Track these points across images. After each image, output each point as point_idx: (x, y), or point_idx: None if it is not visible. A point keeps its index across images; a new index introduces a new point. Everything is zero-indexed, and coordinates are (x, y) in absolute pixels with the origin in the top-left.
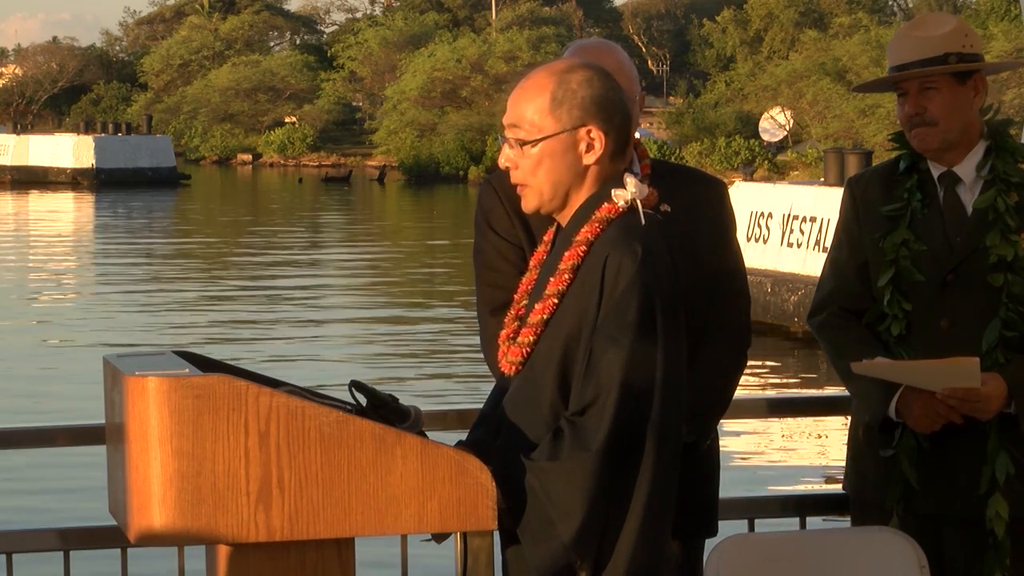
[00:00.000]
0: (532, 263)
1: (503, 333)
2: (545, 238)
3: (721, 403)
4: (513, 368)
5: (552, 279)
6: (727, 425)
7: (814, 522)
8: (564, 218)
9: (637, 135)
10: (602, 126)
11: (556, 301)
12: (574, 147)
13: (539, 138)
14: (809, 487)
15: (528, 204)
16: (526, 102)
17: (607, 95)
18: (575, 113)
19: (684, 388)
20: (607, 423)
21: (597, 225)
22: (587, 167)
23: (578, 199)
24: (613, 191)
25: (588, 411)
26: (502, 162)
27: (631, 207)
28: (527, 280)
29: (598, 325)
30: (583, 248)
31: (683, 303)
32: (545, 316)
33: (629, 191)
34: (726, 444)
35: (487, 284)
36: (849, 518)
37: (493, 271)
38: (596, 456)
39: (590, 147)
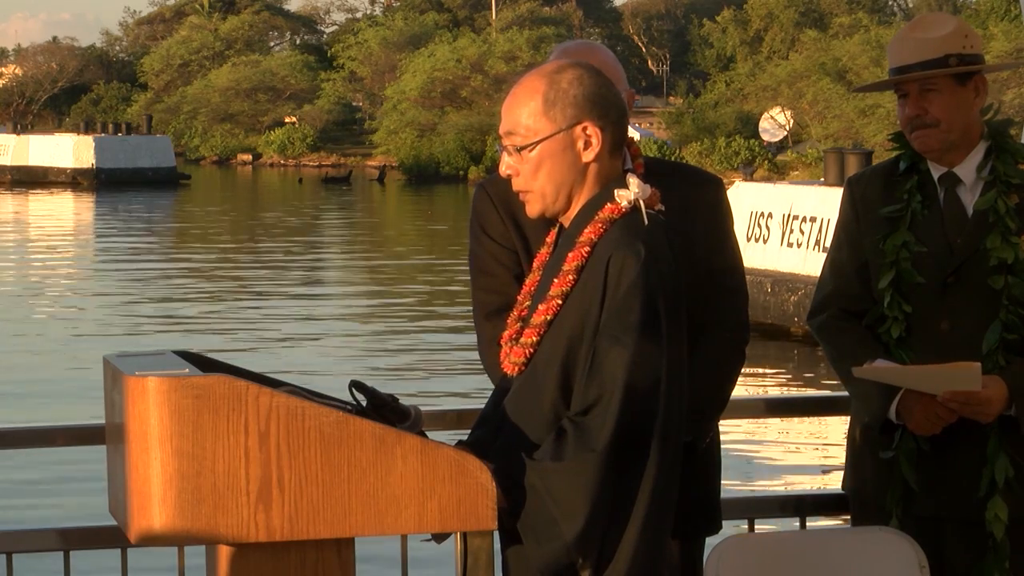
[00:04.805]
0: (535, 264)
1: (506, 333)
2: (548, 239)
3: (719, 401)
4: (516, 368)
5: (556, 280)
6: (727, 425)
7: (814, 522)
8: (567, 219)
9: (636, 135)
10: (598, 122)
11: (560, 302)
12: (572, 146)
13: (536, 141)
14: (809, 487)
15: (532, 209)
16: (519, 107)
17: (599, 91)
18: (569, 112)
19: (686, 388)
20: (611, 423)
21: (600, 226)
22: (587, 165)
23: (580, 199)
24: (616, 191)
25: (591, 411)
26: (503, 170)
27: (634, 207)
28: (530, 281)
29: (601, 325)
30: (586, 249)
31: (685, 303)
32: (548, 317)
33: (632, 191)
34: (726, 444)
35: (482, 289)
36: (849, 518)
37: (488, 276)
38: (600, 456)
39: (588, 144)
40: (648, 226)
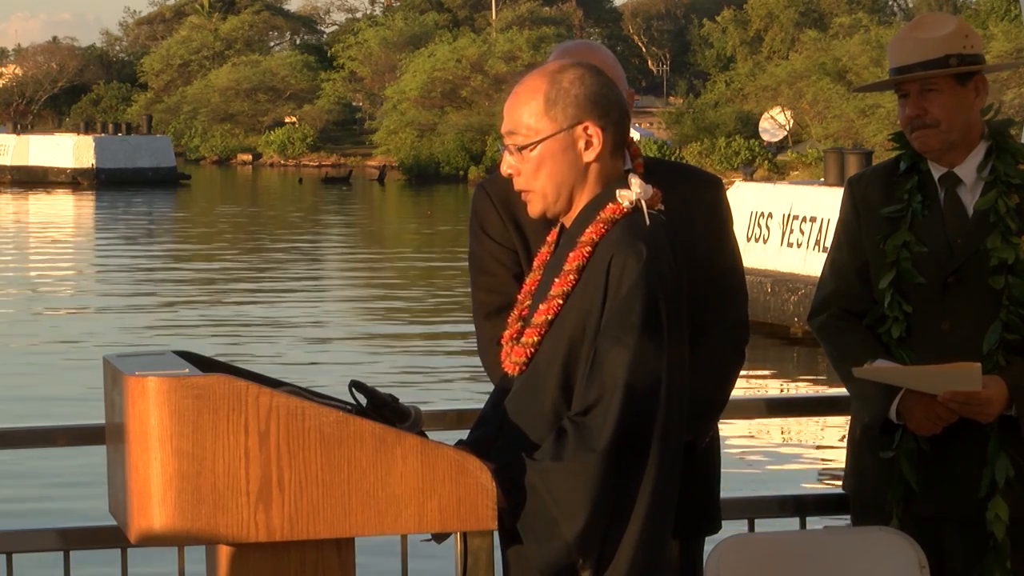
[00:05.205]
0: (536, 263)
1: (507, 333)
2: (548, 239)
3: (719, 401)
4: (517, 368)
5: (557, 280)
6: (727, 425)
7: (814, 522)
8: (568, 219)
9: (636, 135)
10: (599, 122)
11: (561, 302)
12: (573, 146)
13: (537, 140)
14: (809, 487)
15: (534, 209)
16: (521, 107)
17: (601, 91)
18: (570, 111)
19: (687, 388)
20: (612, 423)
21: (602, 226)
22: (588, 165)
23: (582, 200)
24: (618, 191)
25: (592, 411)
26: (504, 170)
27: (635, 207)
28: (531, 281)
29: (602, 325)
30: (588, 249)
31: (686, 303)
32: (549, 317)
33: (634, 191)
34: (726, 444)
35: (482, 288)
36: (849, 518)
37: (488, 275)
38: (601, 456)
39: (588, 144)
40: (650, 227)
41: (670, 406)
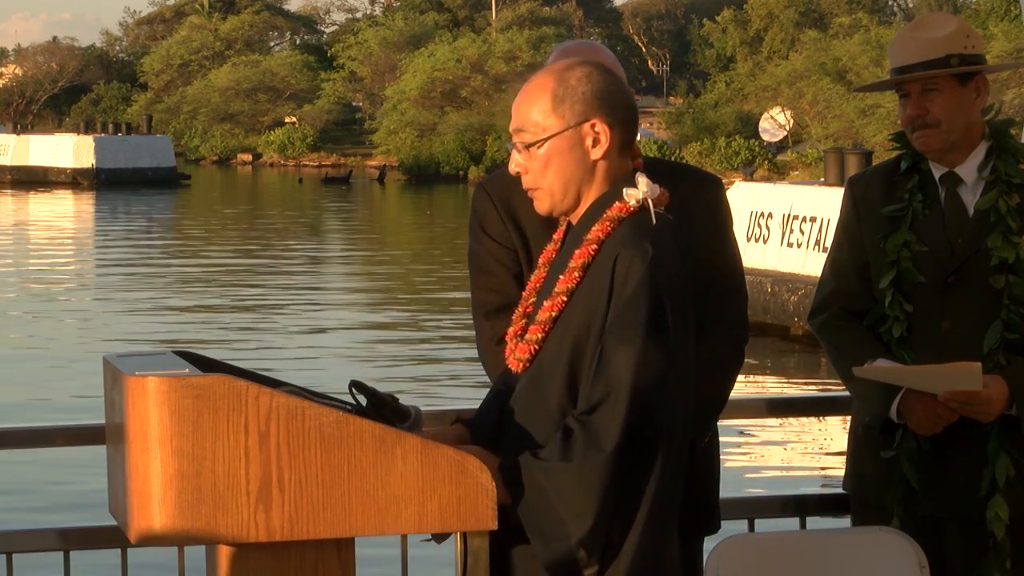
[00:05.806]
0: (541, 260)
1: (511, 330)
2: (555, 236)
3: (718, 401)
4: (521, 365)
5: (561, 277)
6: (727, 425)
7: (814, 522)
8: (575, 217)
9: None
10: (606, 119)
11: (565, 299)
12: (580, 143)
13: (544, 137)
14: (809, 487)
15: (541, 206)
16: (529, 105)
17: (608, 88)
18: (577, 108)
19: (692, 387)
20: (619, 423)
21: (608, 224)
22: (595, 162)
23: (589, 197)
24: (625, 190)
25: (598, 410)
26: (512, 168)
27: (642, 206)
28: (536, 278)
29: (608, 324)
30: (593, 247)
31: (691, 302)
32: (554, 314)
33: (641, 190)
34: (726, 444)
35: (482, 288)
36: (849, 518)
37: (487, 275)
38: (610, 457)
39: (596, 141)
40: (656, 226)
41: (675, 405)
